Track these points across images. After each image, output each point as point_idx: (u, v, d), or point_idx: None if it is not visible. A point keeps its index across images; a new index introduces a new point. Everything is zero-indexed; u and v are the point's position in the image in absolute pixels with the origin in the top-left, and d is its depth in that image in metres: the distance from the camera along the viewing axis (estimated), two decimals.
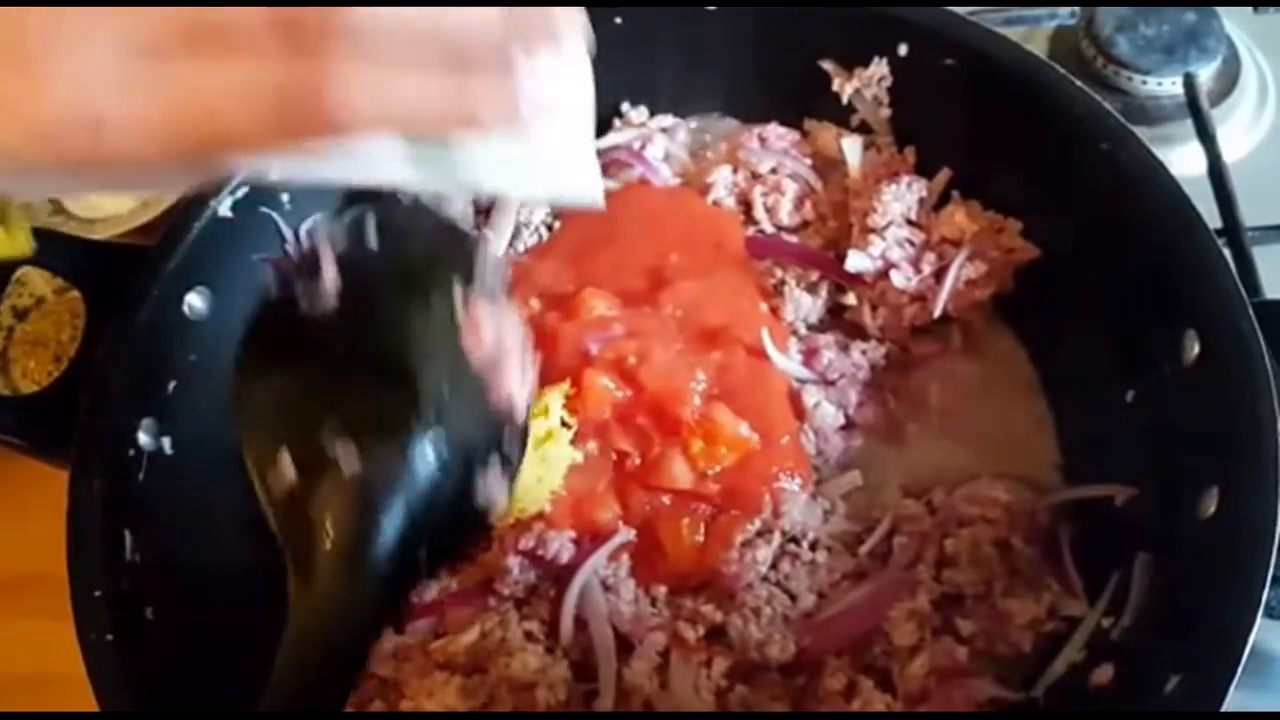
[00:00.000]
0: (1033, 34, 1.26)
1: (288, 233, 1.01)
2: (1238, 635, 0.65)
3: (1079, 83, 0.91)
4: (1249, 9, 1.23)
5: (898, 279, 0.94)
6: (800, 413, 0.94)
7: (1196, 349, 0.78)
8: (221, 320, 0.95)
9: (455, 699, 0.81)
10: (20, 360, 1.13)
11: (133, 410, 0.87)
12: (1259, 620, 0.65)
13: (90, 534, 0.81)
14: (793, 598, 0.85)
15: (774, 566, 0.86)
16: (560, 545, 0.86)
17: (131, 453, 0.86)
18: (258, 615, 0.91)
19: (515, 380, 0.70)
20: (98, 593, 0.78)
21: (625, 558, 0.88)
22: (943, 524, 0.86)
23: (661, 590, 0.87)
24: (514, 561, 0.86)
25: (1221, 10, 1.20)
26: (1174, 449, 0.79)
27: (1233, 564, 0.68)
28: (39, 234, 1.03)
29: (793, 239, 1.04)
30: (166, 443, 0.89)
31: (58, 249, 0.93)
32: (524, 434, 0.75)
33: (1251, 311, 0.76)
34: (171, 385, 0.91)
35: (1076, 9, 1.24)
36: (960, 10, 0.98)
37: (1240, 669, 0.64)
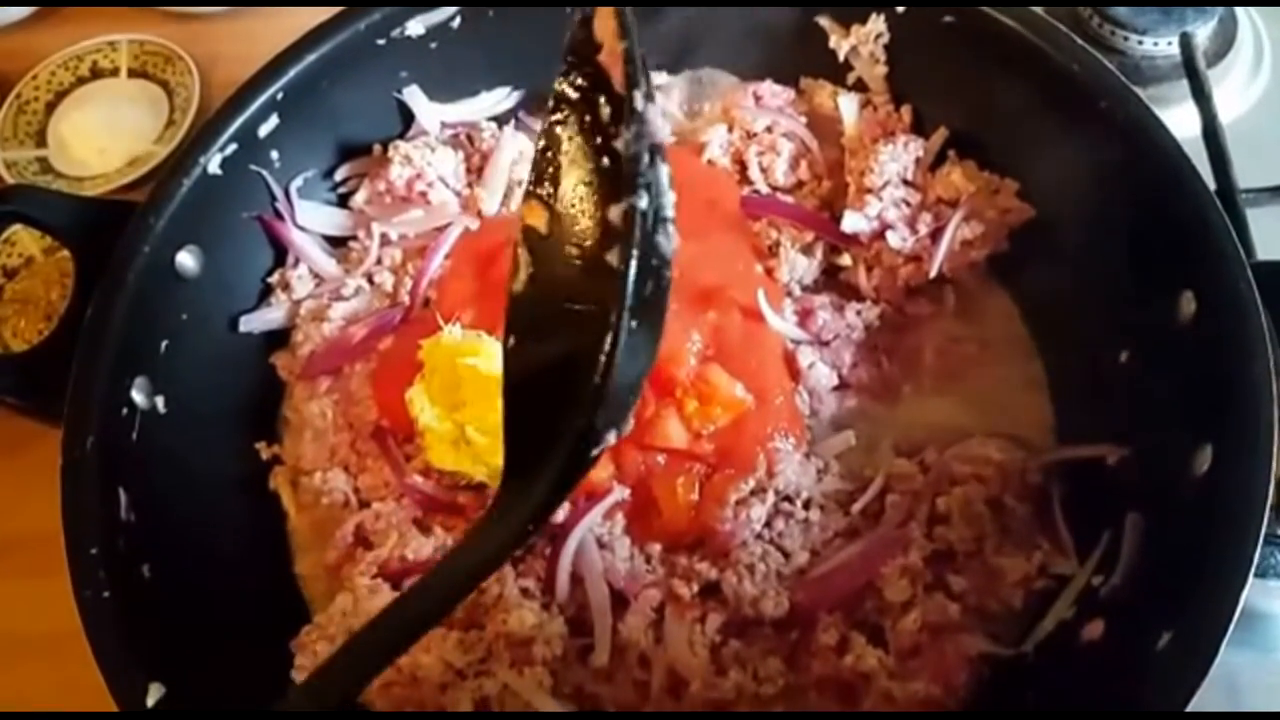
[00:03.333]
0: None
1: (277, 190, 0.99)
2: (1229, 593, 0.64)
3: (1078, 40, 0.88)
4: None
5: (894, 239, 0.92)
6: (795, 373, 0.92)
7: (1193, 309, 0.76)
8: (212, 278, 0.93)
9: (453, 654, 0.80)
10: (10, 319, 1.11)
11: (125, 369, 0.85)
12: (1250, 579, 0.64)
13: (85, 492, 0.79)
14: (786, 555, 0.84)
15: (768, 524, 0.85)
16: None
17: (124, 411, 0.84)
18: (252, 572, 0.91)
19: None
20: (94, 550, 0.77)
21: (620, 516, 0.87)
22: (935, 482, 0.85)
23: (656, 548, 0.86)
24: None
25: None
26: (1168, 408, 0.78)
27: (1225, 522, 0.67)
28: (27, 192, 1.02)
29: (788, 199, 1.01)
30: (159, 401, 0.87)
31: (47, 206, 0.91)
32: None
33: (1249, 273, 0.74)
34: (164, 344, 0.89)
35: None
36: None
37: (1232, 626, 0.63)
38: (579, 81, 0.58)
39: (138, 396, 0.85)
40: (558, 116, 0.59)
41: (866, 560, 0.82)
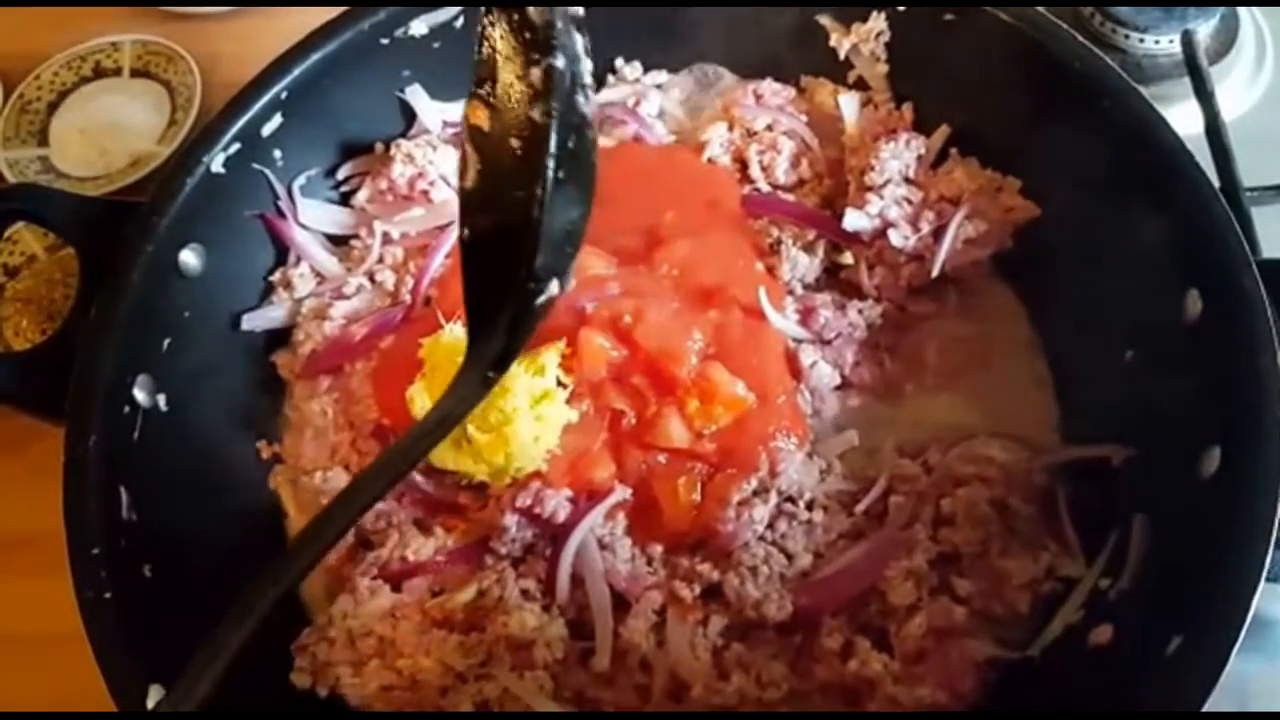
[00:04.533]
0: None
1: (280, 189, 0.97)
2: (1240, 598, 0.62)
3: (1080, 38, 0.86)
4: None
5: (895, 238, 0.90)
6: (797, 372, 0.90)
7: (1199, 308, 0.74)
8: (214, 276, 0.91)
9: (453, 656, 0.78)
10: (12, 318, 1.08)
11: (127, 367, 0.83)
12: (1262, 584, 0.62)
13: (87, 492, 0.77)
14: (789, 557, 0.81)
15: (770, 526, 0.83)
16: (557, 504, 0.82)
17: (127, 410, 0.82)
18: (252, 572, 0.88)
19: None
20: (95, 550, 0.75)
21: (621, 516, 0.84)
22: (939, 483, 0.83)
23: (658, 549, 0.84)
24: (511, 520, 0.83)
25: None
26: (1175, 408, 0.75)
27: (1235, 525, 0.65)
28: (31, 190, 1.00)
29: (789, 197, 0.99)
30: (161, 399, 0.85)
31: (51, 206, 0.89)
32: None
33: (1256, 270, 0.72)
34: (166, 342, 0.87)
35: None
36: None
37: (1244, 631, 0.61)
38: None
39: (140, 395, 0.83)
40: (490, 19, 0.62)
41: (871, 563, 0.79)
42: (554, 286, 0.63)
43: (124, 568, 0.76)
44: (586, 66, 0.60)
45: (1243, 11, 1.16)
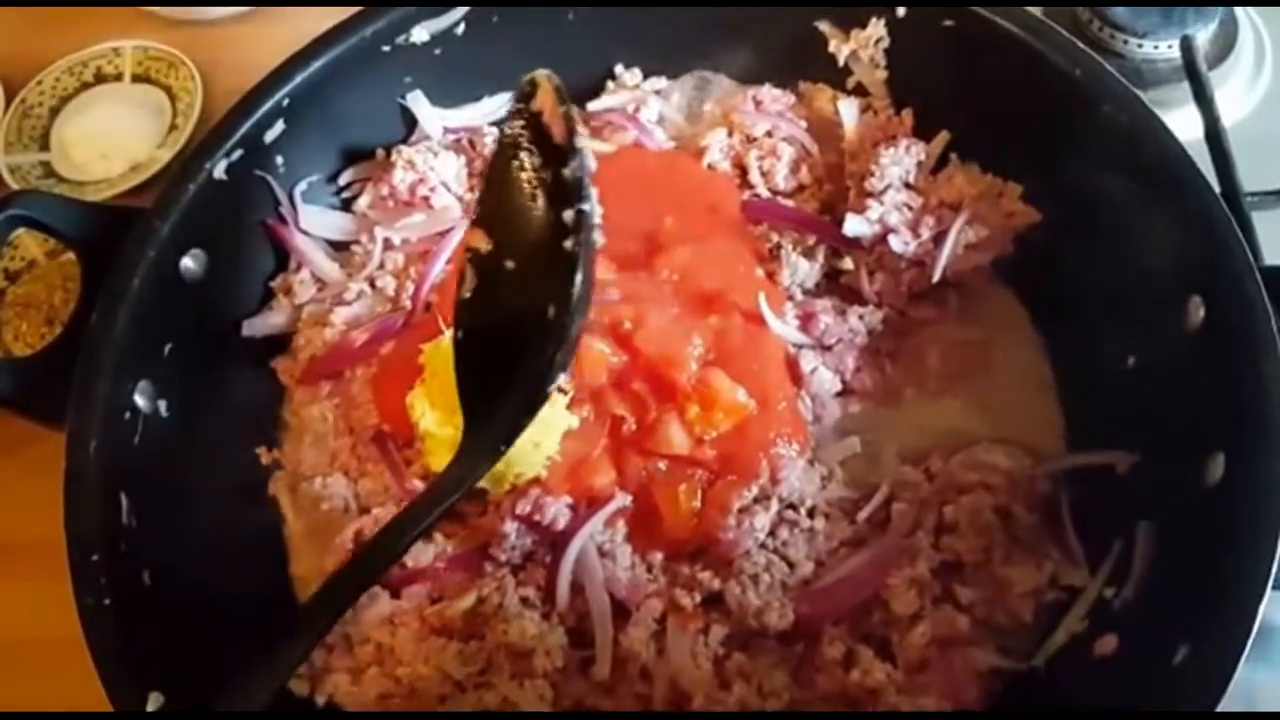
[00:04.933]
0: None
1: (281, 195, 0.96)
2: (1247, 607, 0.61)
3: (1079, 44, 0.85)
4: None
5: (896, 244, 0.89)
6: (797, 378, 0.89)
7: (1201, 314, 0.73)
8: (216, 282, 0.90)
9: (452, 664, 0.77)
10: (12, 323, 1.08)
11: (129, 373, 0.82)
12: (1269, 591, 0.61)
13: (87, 497, 0.76)
14: (791, 565, 0.80)
15: (772, 533, 0.82)
16: (557, 510, 0.81)
17: (128, 415, 0.81)
18: (251, 579, 0.88)
19: None
20: (95, 556, 0.74)
21: (621, 523, 0.83)
22: (941, 491, 0.82)
23: (658, 556, 0.83)
24: (511, 527, 0.81)
25: None
26: (1178, 415, 0.74)
27: (1241, 533, 0.64)
28: (33, 196, 1.00)
29: (789, 203, 0.98)
30: (163, 405, 0.84)
31: (55, 211, 0.88)
32: None
33: (1258, 275, 0.71)
34: (167, 348, 0.86)
35: None
36: None
37: (1251, 640, 0.60)
38: (523, 134, 0.77)
39: (140, 400, 0.82)
40: (505, 158, 0.77)
41: (873, 571, 0.78)
42: (561, 376, 0.73)
43: (123, 574, 0.75)
44: (599, 210, 0.73)
45: (1241, 16, 1.15)
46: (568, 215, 0.73)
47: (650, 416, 0.85)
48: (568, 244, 0.72)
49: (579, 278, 0.71)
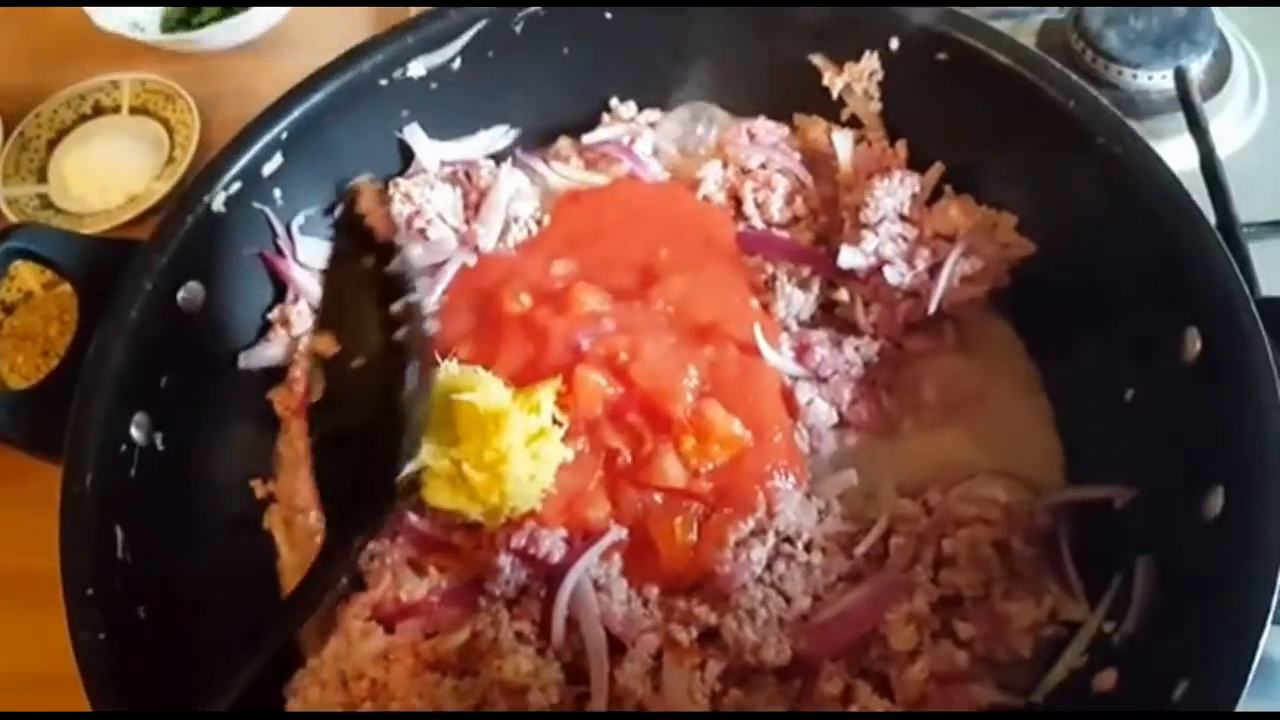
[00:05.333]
0: (1020, 28, 1.20)
1: (279, 227, 0.96)
2: (1247, 642, 0.60)
3: (1075, 76, 0.85)
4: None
5: (891, 275, 0.89)
6: (793, 410, 0.88)
7: (1198, 346, 0.73)
8: (213, 314, 0.90)
9: (447, 701, 0.76)
10: (8, 354, 1.08)
11: (125, 406, 0.81)
12: (1269, 626, 0.61)
13: (83, 531, 0.76)
14: (788, 600, 0.80)
15: (768, 567, 0.81)
16: (552, 544, 0.81)
17: (124, 448, 0.81)
18: (245, 613, 0.87)
19: None
20: (90, 590, 0.73)
21: (617, 557, 0.82)
22: (940, 524, 0.81)
23: (654, 591, 0.82)
24: (505, 560, 0.81)
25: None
26: (1177, 448, 0.74)
27: (1241, 566, 0.64)
28: (30, 228, 1.00)
29: (784, 234, 0.98)
30: (159, 438, 0.84)
31: (53, 243, 0.88)
32: None
33: (1255, 308, 0.71)
34: (164, 380, 0.86)
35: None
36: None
37: (1251, 675, 0.59)
38: (352, 241, 0.82)
39: (136, 433, 0.82)
40: (337, 265, 0.84)
41: (871, 606, 0.78)
42: (409, 466, 0.78)
43: (118, 608, 0.75)
44: (429, 300, 0.81)
45: (1235, 47, 1.16)
46: (396, 308, 0.77)
47: (646, 449, 0.85)
48: (399, 335, 0.77)
49: (412, 366, 0.76)
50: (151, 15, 1.31)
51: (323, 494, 0.81)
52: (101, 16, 1.25)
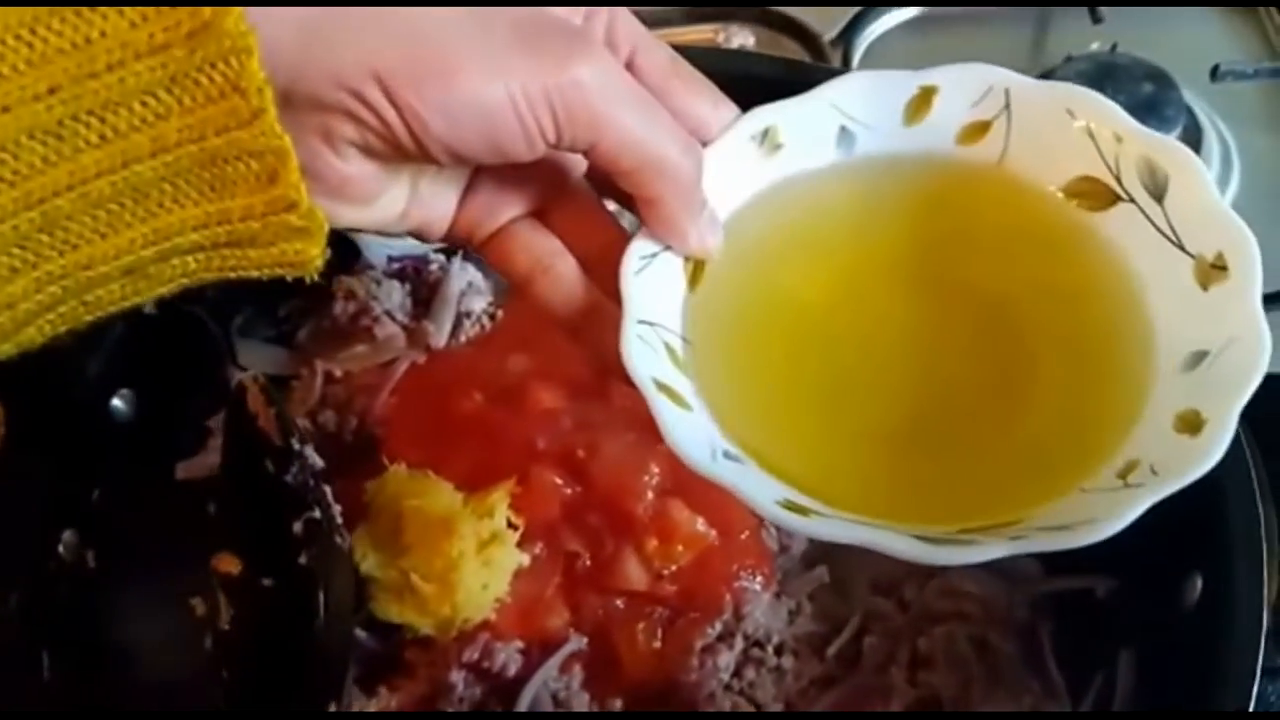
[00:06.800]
0: None
1: (215, 330, 0.99)
2: None
3: None
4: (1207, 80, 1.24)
5: None
6: None
7: None
8: (148, 422, 0.92)
9: None
10: None
11: (54, 521, 0.82)
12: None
13: (5, 652, 0.77)
14: (758, 707, 0.81)
15: (737, 674, 0.82)
16: (507, 656, 0.81)
17: (52, 565, 0.81)
18: None
19: None
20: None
21: (578, 668, 0.83)
22: (915, 621, 0.83)
23: (618, 703, 0.83)
24: (458, 676, 0.81)
25: (1180, 79, 1.21)
26: (1154, 533, 0.75)
27: (1220, 655, 0.65)
28: None
29: None
30: (89, 555, 0.85)
31: None
32: None
33: None
34: (95, 493, 0.87)
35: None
36: None
37: None
38: (242, 445, 0.78)
39: (64, 552, 0.83)
40: (230, 473, 0.80)
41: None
42: (332, 705, 0.74)
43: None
44: (337, 510, 0.74)
45: (1206, 124, 1.22)
46: (297, 528, 0.72)
47: (606, 551, 0.86)
48: (302, 559, 0.72)
49: (321, 597, 0.71)
50: None
51: None
52: None
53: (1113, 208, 0.61)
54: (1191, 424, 0.54)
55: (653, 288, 0.59)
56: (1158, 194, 0.58)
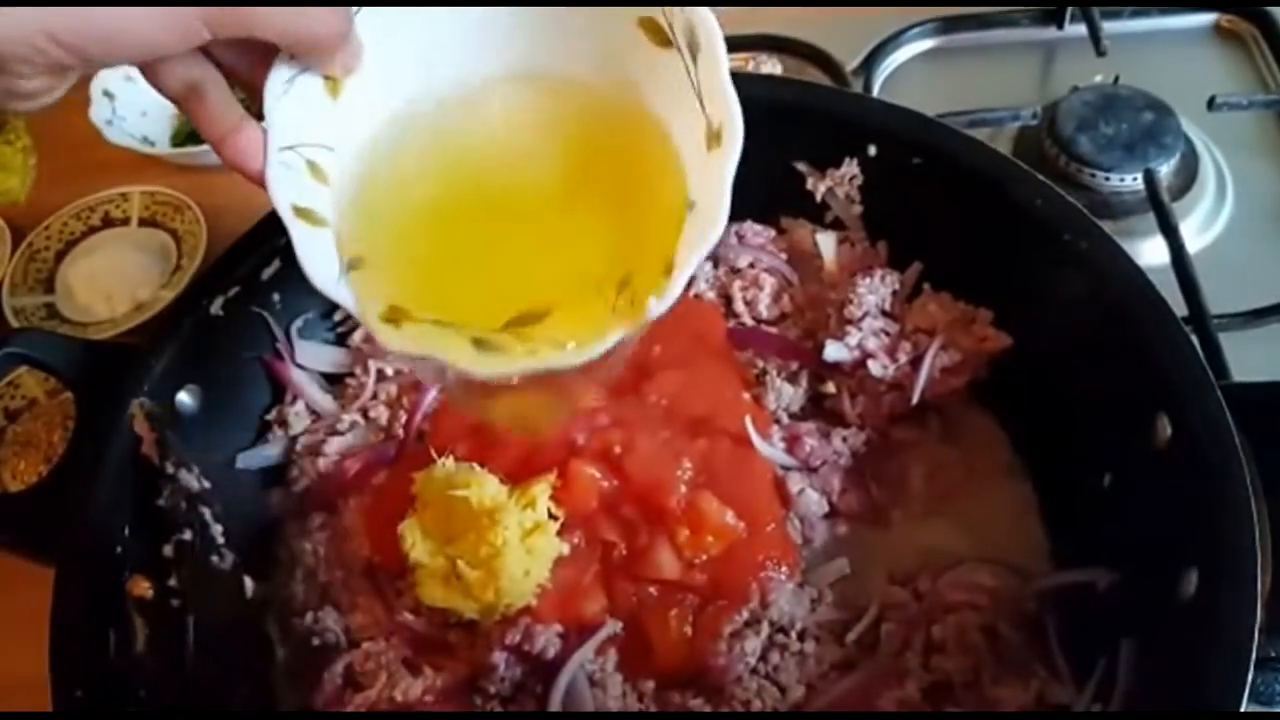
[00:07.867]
0: (998, 134, 1.30)
1: (278, 331, 1.02)
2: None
3: (1041, 177, 0.92)
4: (1204, 110, 1.26)
5: (875, 368, 0.95)
6: (785, 500, 0.93)
7: (1168, 431, 0.78)
8: (211, 417, 0.95)
9: None
10: (10, 461, 1.12)
11: (119, 510, 0.85)
12: (1245, 703, 0.64)
13: (74, 634, 0.79)
14: (782, 690, 0.83)
15: (763, 658, 0.85)
16: (547, 639, 0.84)
17: (119, 551, 0.84)
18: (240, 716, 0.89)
19: None
20: (79, 693, 0.76)
21: (613, 652, 0.86)
22: (929, 610, 0.85)
23: (649, 685, 0.85)
24: (500, 657, 0.84)
25: (1178, 109, 1.24)
26: (1152, 531, 0.78)
27: (1216, 646, 0.67)
28: (30, 335, 1.05)
29: (772, 330, 1.05)
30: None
31: (50, 348, 0.93)
32: None
33: (1219, 393, 0.76)
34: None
35: (1037, 109, 1.27)
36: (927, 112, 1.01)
37: None
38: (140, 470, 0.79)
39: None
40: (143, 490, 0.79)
41: (863, 693, 0.81)
42: None
43: (109, 711, 0.77)
44: (218, 530, 0.75)
45: (1201, 151, 1.25)
46: (168, 550, 0.73)
47: (641, 541, 0.89)
48: (172, 581, 0.73)
49: (190, 620, 0.72)
50: (161, 131, 1.41)
51: None
52: (113, 133, 1.34)
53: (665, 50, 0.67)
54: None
55: (295, 108, 0.62)
56: (694, 52, 0.65)
